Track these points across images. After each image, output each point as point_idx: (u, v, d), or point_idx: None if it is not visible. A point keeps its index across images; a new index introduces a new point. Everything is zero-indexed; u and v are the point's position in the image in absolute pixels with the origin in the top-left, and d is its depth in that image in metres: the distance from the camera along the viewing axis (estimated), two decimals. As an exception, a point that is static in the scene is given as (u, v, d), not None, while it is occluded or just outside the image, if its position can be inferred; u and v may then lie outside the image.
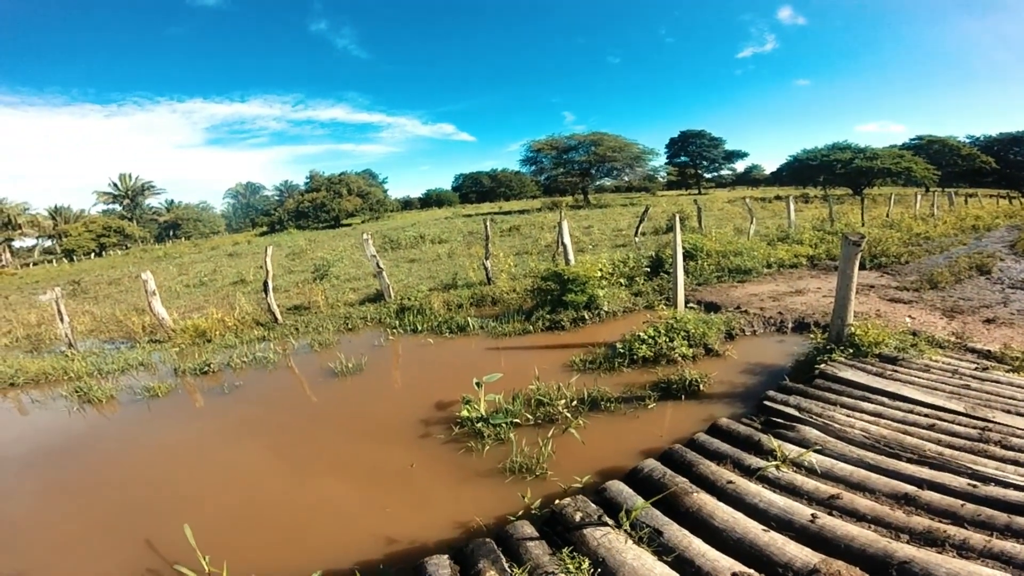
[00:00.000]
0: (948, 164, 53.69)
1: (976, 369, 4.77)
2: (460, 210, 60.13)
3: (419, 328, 8.37)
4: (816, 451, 3.14)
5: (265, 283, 9.38)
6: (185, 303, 13.24)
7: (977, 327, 6.55)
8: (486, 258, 10.49)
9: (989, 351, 5.41)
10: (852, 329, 5.18)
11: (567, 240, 8.80)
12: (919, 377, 4.51)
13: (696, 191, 76.34)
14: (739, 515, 2.68)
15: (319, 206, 51.23)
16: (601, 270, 8.63)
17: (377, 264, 9.91)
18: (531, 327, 7.76)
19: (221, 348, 8.42)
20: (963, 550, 2.31)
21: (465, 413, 4.51)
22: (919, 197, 22.53)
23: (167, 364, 7.91)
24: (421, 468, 4.09)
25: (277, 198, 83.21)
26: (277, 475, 4.37)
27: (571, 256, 8.86)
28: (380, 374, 6.74)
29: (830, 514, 2.64)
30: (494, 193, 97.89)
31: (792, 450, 3.18)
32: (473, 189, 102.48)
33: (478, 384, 4.69)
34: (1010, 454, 3.11)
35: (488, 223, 11.15)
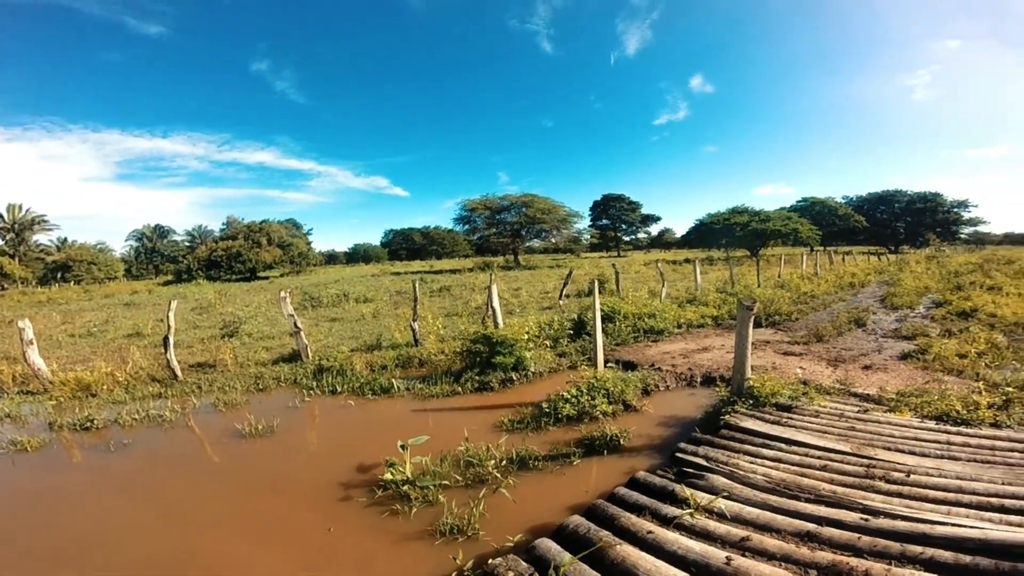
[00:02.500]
0: (828, 223, 61.34)
1: (859, 412, 5.42)
2: (389, 267, 59.27)
3: (339, 389, 8.10)
4: (724, 497, 3.40)
5: (165, 338, 8.79)
6: (68, 354, 11.86)
7: (858, 374, 7.46)
8: (414, 319, 10.44)
9: (868, 394, 6.18)
10: (751, 382, 5.74)
11: (496, 304, 9.05)
12: (811, 422, 5.04)
13: (616, 253, 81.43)
14: (661, 563, 2.82)
15: (234, 256, 47.76)
16: (528, 332, 8.90)
17: (295, 323, 9.56)
18: (460, 388, 7.78)
19: (108, 404, 7.75)
20: None
21: (389, 476, 4.44)
22: (804, 257, 25.62)
23: (40, 417, 7.17)
24: (341, 532, 3.95)
25: (188, 244, 76.93)
26: (168, 538, 4.04)
27: (500, 319, 9.07)
28: (294, 436, 6.42)
29: (743, 555, 2.86)
30: (426, 251, 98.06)
31: (703, 497, 3.42)
32: (404, 246, 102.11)
33: (403, 447, 4.66)
34: (893, 487, 3.52)
35: (417, 283, 11.20)
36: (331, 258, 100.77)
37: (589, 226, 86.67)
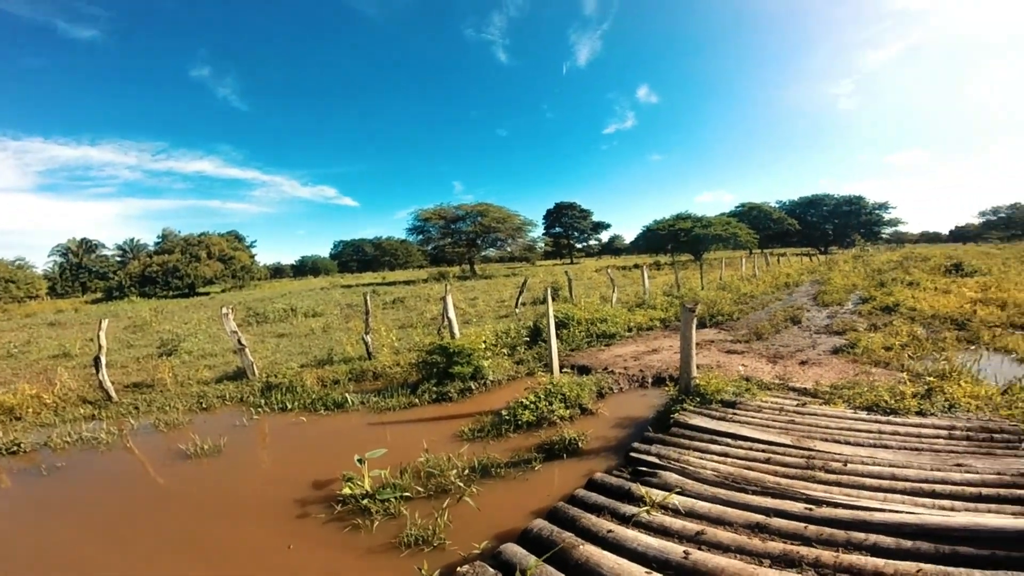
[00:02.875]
0: (764, 227, 65.18)
1: (797, 405, 5.75)
2: (339, 280, 57.56)
3: (289, 406, 7.87)
4: (677, 493, 3.53)
5: (96, 358, 8.30)
6: (-16, 376, 10.81)
7: (795, 369, 7.92)
8: (366, 332, 10.21)
9: (806, 388, 6.58)
10: (697, 381, 5.98)
11: (452, 314, 9.00)
12: (754, 417, 5.30)
13: (569, 260, 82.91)
14: (623, 560, 2.89)
15: (171, 271, 44.92)
16: (485, 342, 8.96)
17: (239, 340, 9.17)
18: (417, 400, 7.71)
19: (35, 427, 7.34)
20: (818, 567, 2.68)
21: (347, 490, 4.40)
22: (743, 260, 27.05)
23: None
24: (302, 550, 3.87)
25: (119, 259, 71.14)
26: (113, 563, 3.85)
27: (456, 329, 9.04)
28: (244, 455, 6.20)
29: (699, 549, 2.96)
30: (378, 262, 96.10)
31: (658, 494, 3.54)
32: (354, 257, 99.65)
33: (360, 460, 4.63)
34: (832, 477, 3.74)
35: (369, 295, 10.96)
36: (277, 271, 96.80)
37: (543, 234, 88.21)
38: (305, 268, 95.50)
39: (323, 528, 4.15)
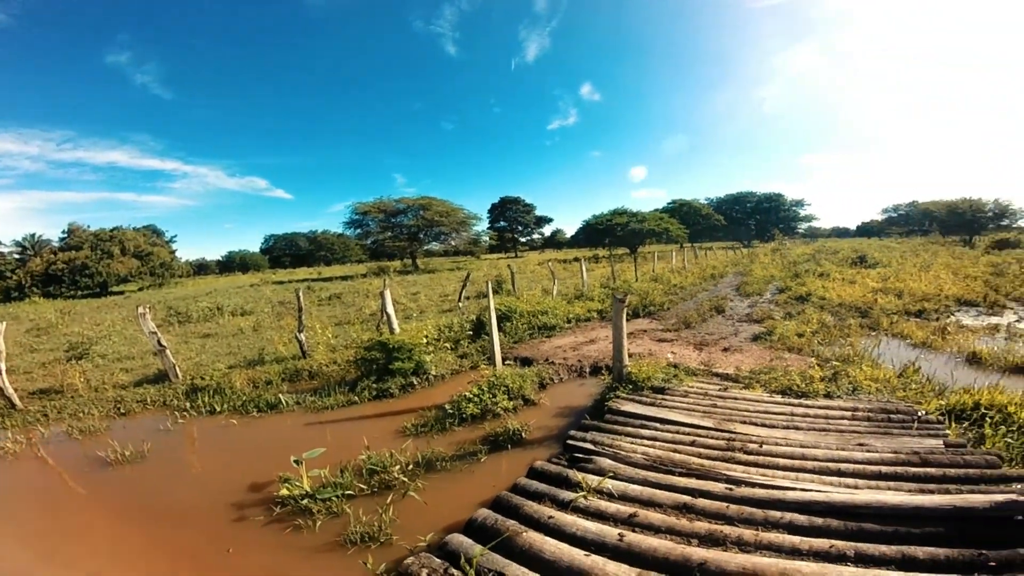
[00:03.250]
0: (694, 222, 68.90)
1: (720, 390, 6.15)
2: (270, 276, 54.56)
3: (218, 409, 7.51)
4: (611, 477, 3.70)
5: None
6: None
7: (719, 355, 8.47)
8: (299, 330, 9.82)
9: (728, 374, 7.06)
10: (629, 369, 6.27)
11: (390, 309, 8.84)
12: (681, 402, 5.63)
13: (513, 254, 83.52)
14: (564, 545, 3.01)
15: (79, 269, 40.60)
16: (426, 336, 8.89)
17: (158, 341, 8.58)
18: (357, 398, 7.56)
19: None
20: (741, 545, 2.87)
21: (285, 491, 4.33)
22: (674, 253, 28.46)
23: None
24: (242, 553, 3.78)
25: (18, 257, 63.33)
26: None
27: (395, 325, 8.89)
28: (171, 460, 5.90)
29: (633, 531, 3.12)
30: (313, 257, 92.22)
31: (593, 480, 3.70)
32: (287, 252, 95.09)
33: (297, 461, 4.55)
34: (750, 457, 4.02)
35: (301, 292, 10.53)
36: (201, 268, 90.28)
37: (488, 228, 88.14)
38: (233, 264, 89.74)
39: (263, 530, 4.06)
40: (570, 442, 4.36)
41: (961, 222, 58.17)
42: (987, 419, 4.92)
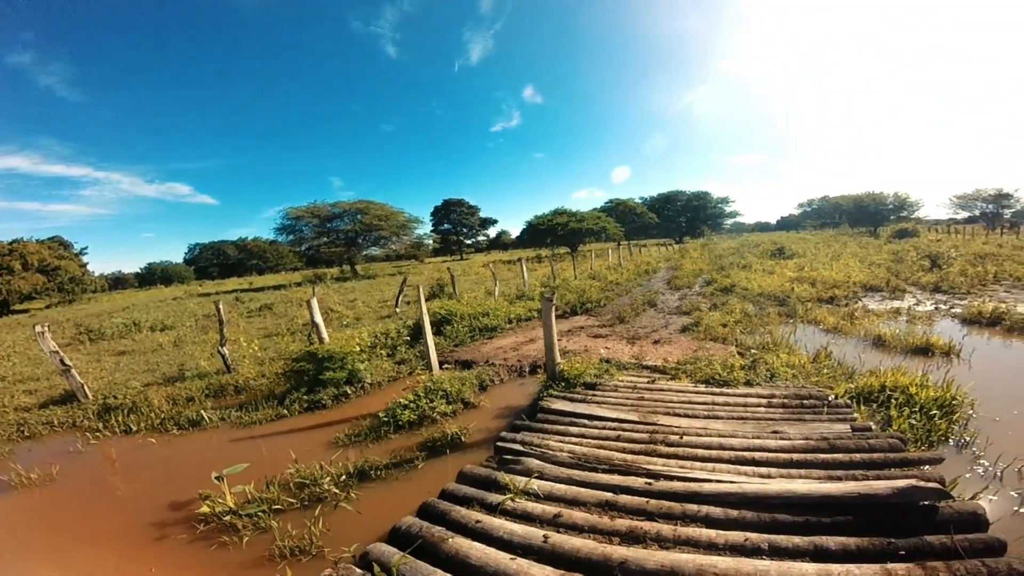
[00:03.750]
0: (629, 221, 71.49)
1: (648, 382, 6.34)
2: (196, 288, 51.04)
3: (134, 428, 7.10)
4: (537, 478, 3.70)
5: None
6: None
7: (649, 348, 8.77)
8: (222, 344, 9.22)
9: (656, 366, 7.30)
10: (561, 367, 6.34)
11: (318, 319, 8.48)
12: (610, 397, 5.75)
13: (458, 256, 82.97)
14: (490, 550, 2.96)
15: None
16: (360, 344, 8.65)
17: (61, 360, 7.91)
18: (287, 411, 7.27)
19: None
20: (660, 541, 2.89)
21: (206, 509, 4.19)
22: (610, 252, 29.38)
23: None
24: (165, 571, 3.68)
25: None
26: None
27: (324, 334, 8.55)
28: (83, 482, 5.60)
29: (558, 531, 3.10)
30: (244, 266, 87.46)
31: (521, 481, 3.68)
32: (215, 262, 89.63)
33: (219, 477, 4.42)
34: (671, 450, 4.10)
35: (221, 304, 9.90)
36: (118, 282, 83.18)
37: (431, 231, 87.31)
38: (153, 276, 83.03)
39: (187, 549, 3.96)
40: (500, 443, 4.32)
41: (866, 214, 63.95)
42: (892, 400, 5.29)
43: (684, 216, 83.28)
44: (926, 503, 2.89)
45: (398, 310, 12.50)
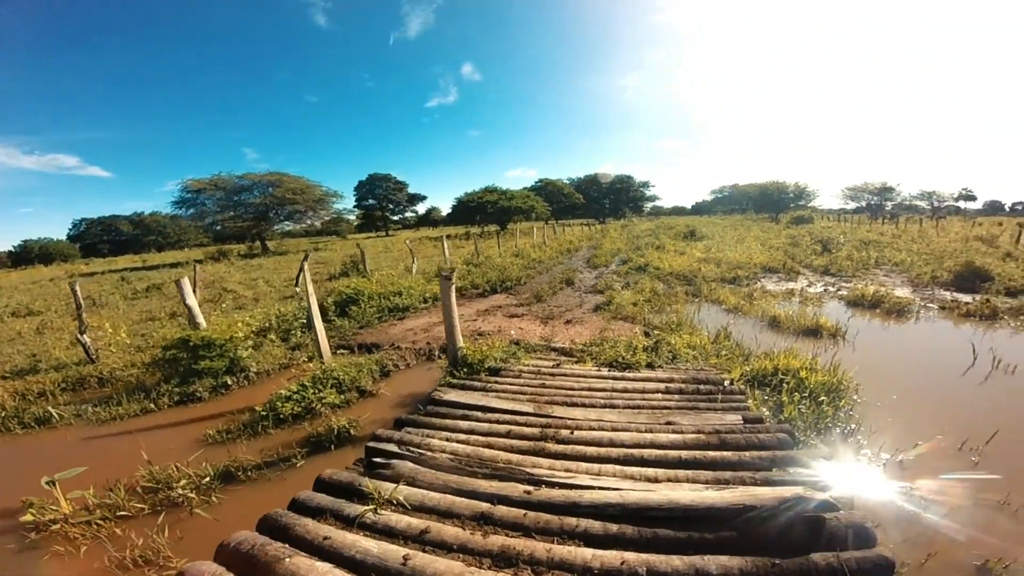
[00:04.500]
0: (557, 201, 72.63)
1: (553, 366, 6.10)
2: (80, 267, 45.06)
3: None
4: (409, 484, 3.27)
5: None
6: None
7: (561, 328, 8.64)
8: (81, 331, 7.94)
9: (564, 348, 7.15)
10: (464, 351, 5.97)
11: (191, 301, 7.44)
12: (512, 384, 5.41)
13: (384, 233, 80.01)
14: (338, 572, 2.51)
15: None
16: (245, 328, 7.79)
17: None
18: (155, 405, 6.45)
19: None
20: (534, 565, 2.49)
21: (30, 517, 3.78)
22: (535, 230, 29.44)
23: None
24: None
25: None
26: None
27: (200, 319, 7.57)
28: None
29: (422, 550, 2.68)
30: (139, 243, 79.13)
31: (389, 488, 3.23)
32: (105, 238, 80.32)
33: (51, 482, 3.91)
34: (559, 448, 3.75)
35: (77, 285, 8.52)
36: (-17, 262, 71.78)
37: (355, 206, 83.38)
38: (30, 255, 72.36)
39: (15, 559, 3.63)
40: (372, 444, 3.78)
41: (770, 202, 69.28)
42: (784, 385, 5.39)
43: (608, 198, 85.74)
44: (812, 515, 2.72)
45: (298, 290, 11.49)
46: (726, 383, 5.17)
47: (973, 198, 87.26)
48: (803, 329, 8.22)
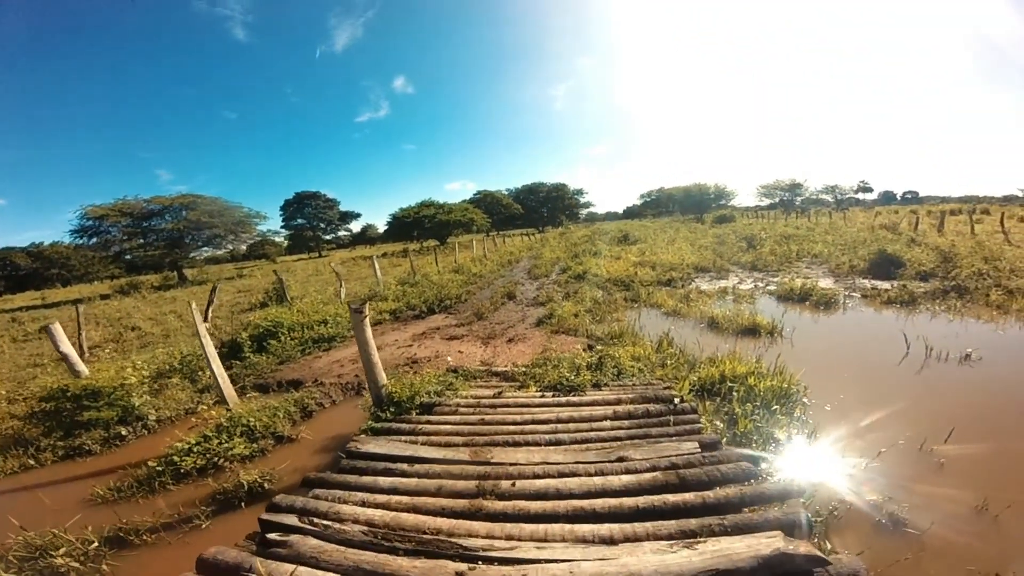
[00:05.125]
0: (496, 212, 72.62)
1: (494, 395, 5.47)
2: (-40, 309, 39.36)
3: None
4: (310, 566, 2.63)
5: None
6: None
7: (503, 348, 8.17)
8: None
9: (505, 371, 6.62)
10: (389, 388, 5.34)
11: (65, 348, 6.33)
12: (446, 423, 4.81)
13: (317, 254, 76.54)
14: None
15: None
16: (139, 373, 6.82)
17: None
18: (36, 461, 5.71)
19: None
20: None
21: None
22: (475, 243, 28.99)
23: None
24: None
25: None
26: None
27: (80, 366, 6.50)
28: None
29: None
30: (40, 277, 70.81)
31: (287, 571, 2.59)
32: (0, 274, 71.16)
33: None
34: (499, 506, 3.18)
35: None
36: None
37: (282, 227, 79.34)
38: None
39: None
40: (266, 516, 3.10)
41: (693, 203, 72.98)
42: (734, 393, 5.17)
43: (545, 207, 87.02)
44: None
45: (207, 324, 10.26)
46: (676, 401, 4.84)
47: (870, 190, 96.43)
48: (741, 329, 8.25)
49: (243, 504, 4.27)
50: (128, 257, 41.37)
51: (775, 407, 4.88)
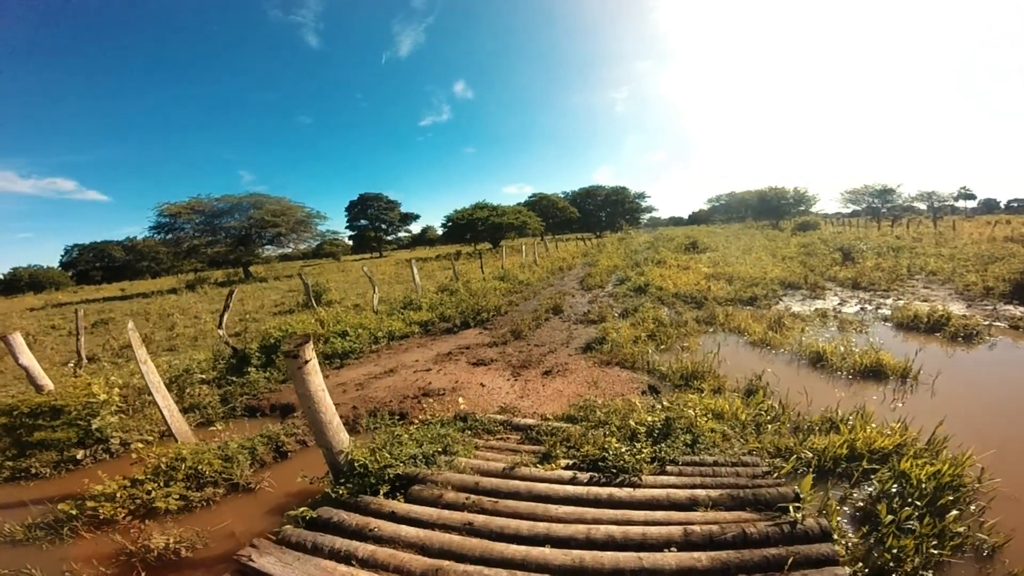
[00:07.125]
0: (551, 215, 70.56)
1: (503, 472, 3.81)
2: (56, 296, 42.83)
3: None
4: None
5: None
6: None
7: (536, 383, 6.42)
8: None
9: (529, 425, 4.89)
10: (351, 455, 3.78)
11: (25, 361, 5.45)
12: (418, 522, 3.23)
13: (377, 254, 78.26)
14: None
15: None
16: (108, 389, 5.89)
17: None
18: None
19: None
20: None
21: None
22: (524, 248, 27.42)
23: None
24: None
25: None
26: None
27: (42, 380, 5.67)
28: None
29: None
30: (132, 269, 77.15)
31: None
32: (98, 265, 78.42)
33: None
34: None
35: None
36: (-28, 291, 69.86)
37: (346, 227, 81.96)
38: (19, 283, 70.39)
39: None
40: None
41: (769, 208, 67.46)
42: (873, 480, 3.44)
43: (604, 211, 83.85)
44: None
45: (222, 332, 9.37)
46: (795, 515, 2.93)
47: (972, 197, 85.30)
48: (860, 368, 6.15)
49: (144, 576, 3.20)
50: (193, 252, 43.29)
51: (943, 502, 3.09)
